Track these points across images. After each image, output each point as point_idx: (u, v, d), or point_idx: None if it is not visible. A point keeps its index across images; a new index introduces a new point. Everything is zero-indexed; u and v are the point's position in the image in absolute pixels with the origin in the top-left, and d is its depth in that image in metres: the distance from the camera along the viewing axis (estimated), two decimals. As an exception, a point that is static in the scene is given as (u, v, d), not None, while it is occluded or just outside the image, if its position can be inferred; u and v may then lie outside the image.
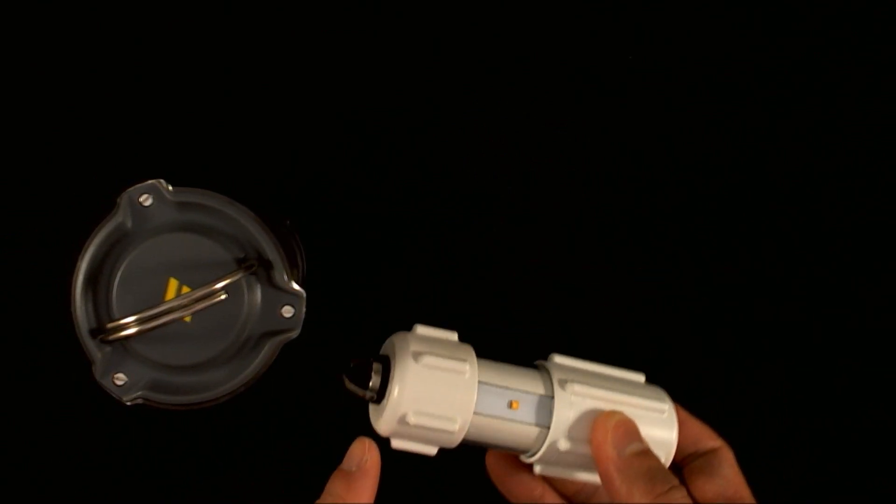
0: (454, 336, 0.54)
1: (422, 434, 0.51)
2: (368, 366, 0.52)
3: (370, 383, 0.51)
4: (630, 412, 0.53)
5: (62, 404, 0.71)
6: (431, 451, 0.52)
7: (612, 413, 0.52)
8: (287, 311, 0.59)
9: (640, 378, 0.56)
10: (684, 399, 0.75)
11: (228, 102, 0.72)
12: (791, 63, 0.74)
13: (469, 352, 0.53)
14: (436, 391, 0.50)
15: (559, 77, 0.74)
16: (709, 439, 0.57)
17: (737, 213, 0.74)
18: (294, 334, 0.59)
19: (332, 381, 0.73)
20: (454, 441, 0.51)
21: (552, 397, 0.53)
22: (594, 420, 0.52)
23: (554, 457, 0.53)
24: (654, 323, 0.75)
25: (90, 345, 0.57)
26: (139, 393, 0.58)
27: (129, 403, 0.58)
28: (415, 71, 0.73)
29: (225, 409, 0.60)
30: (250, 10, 0.72)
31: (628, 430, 0.52)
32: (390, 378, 0.51)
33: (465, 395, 0.51)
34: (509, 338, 0.73)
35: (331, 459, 0.72)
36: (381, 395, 0.51)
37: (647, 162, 0.74)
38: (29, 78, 0.72)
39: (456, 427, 0.50)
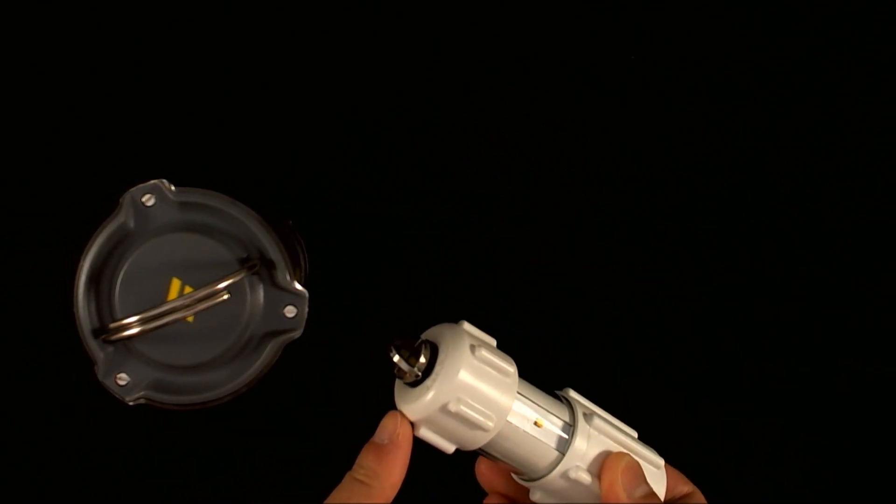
0: (493, 342, 0.54)
1: (453, 427, 0.50)
2: (417, 346, 0.51)
3: (416, 363, 0.51)
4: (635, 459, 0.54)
5: (64, 404, 0.71)
6: (450, 448, 0.51)
7: (623, 455, 0.53)
8: (290, 311, 0.59)
9: (634, 433, 0.57)
10: (684, 399, 0.75)
11: (230, 102, 0.72)
12: (791, 63, 0.74)
13: (511, 360, 0.53)
14: (482, 387, 0.50)
15: (559, 77, 0.74)
16: (683, 485, 0.58)
17: (737, 213, 0.74)
18: (296, 334, 0.59)
19: (333, 381, 0.73)
20: (481, 441, 0.51)
21: (572, 426, 0.53)
22: (605, 459, 0.53)
23: (556, 485, 0.53)
24: (654, 323, 0.75)
25: (92, 345, 0.57)
26: (141, 393, 0.58)
27: (131, 403, 0.58)
28: (415, 71, 0.73)
29: (227, 410, 0.60)
30: (250, 10, 0.72)
31: (637, 473, 0.53)
32: (440, 362, 0.50)
33: (506, 397, 0.50)
34: (509, 338, 0.73)
35: (333, 459, 0.72)
36: (422, 378, 0.51)
37: (647, 162, 0.74)
38: (30, 78, 0.72)
39: (491, 425, 0.50)
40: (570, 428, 0.52)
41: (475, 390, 0.50)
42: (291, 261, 0.59)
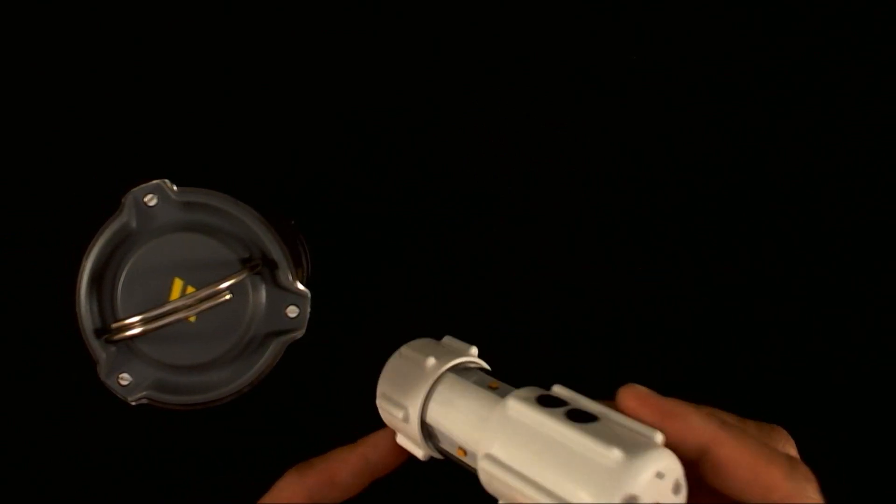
0: (466, 354, 0.50)
1: (394, 423, 0.49)
2: None
3: None
4: None
5: (66, 404, 0.71)
6: (418, 452, 0.49)
7: None
8: (292, 311, 0.59)
9: (651, 436, 0.40)
10: (684, 398, 0.75)
11: (231, 102, 0.72)
12: (791, 63, 0.74)
13: (447, 355, 0.48)
14: (400, 378, 0.48)
15: (559, 77, 0.74)
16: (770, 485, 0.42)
17: (737, 213, 0.74)
18: (299, 334, 0.59)
19: (335, 381, 0.73)
20: (412, 433, 0.47)
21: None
22: None
23: None
24: (655, 323, 0.75)
25: (95, 345, 0.57)
26: (144, 393, 0.58)
27: (133, 403, 0.58)
28: (415, 71, 0.73)
29: (229, 410, 0.60)
30: (250, 10, 0.72)
31: None
32: None
33: (408, 434, 0.48)
34: (510, 337, 0.74)
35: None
36: None
37: (647, 162, 0.74)
38: (33, 79, 0.72)
39: (400, 415, 0.47)
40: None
41: (392, 383, 0.49)
42: (293, 261, 0.59)
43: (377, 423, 0.52)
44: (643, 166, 0.74)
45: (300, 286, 0.58)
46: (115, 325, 0.56)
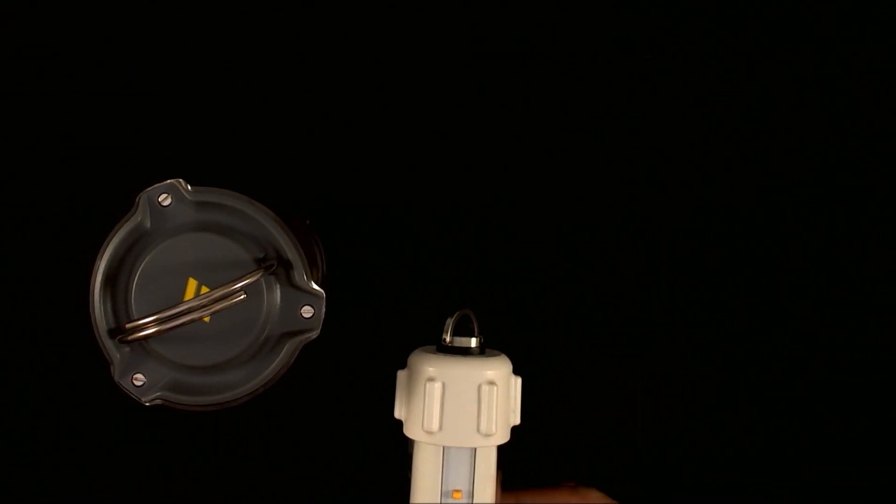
0: None
1: None
2: None
3: None
4: None
5: (81, 405, 0.71)
6: None
7: None
8: (307, 312, 0.58)
9: None
10: (684, 399, 0.76)
11: (246, 102, 0.72)
12: (791, 63, 0.74)
13: None
14: None
15: (560, 77, 0.74)
16: None
17: (738, 213, 0.74)
18: (314, 335, 0.58)
19: (350, 381, 0.73)
20: None
21: None
22: None
23: None
24: (654, 323, 0.75)
25: (109, 345, 0.57)
26: (158, 393, 0.57)
27: (147, 404, 0.57)
28: (415, 71, 0.73)
29: (244, 410, 0.60)
30: (267, 9, 0.72)
31: None
32: None
33: None
34: (511, 337, 0.74)
35: (347, 460, 0.72)
36: None
37: (647, 162, 0.75)
38: (47, 78, 0.71)
39: None
40: None
41: None
42: (309, 261, 0.58)
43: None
44: (643, 166, 0.75)
45: (315, 286, 0.58)
46: (129, 326, 0.55)
